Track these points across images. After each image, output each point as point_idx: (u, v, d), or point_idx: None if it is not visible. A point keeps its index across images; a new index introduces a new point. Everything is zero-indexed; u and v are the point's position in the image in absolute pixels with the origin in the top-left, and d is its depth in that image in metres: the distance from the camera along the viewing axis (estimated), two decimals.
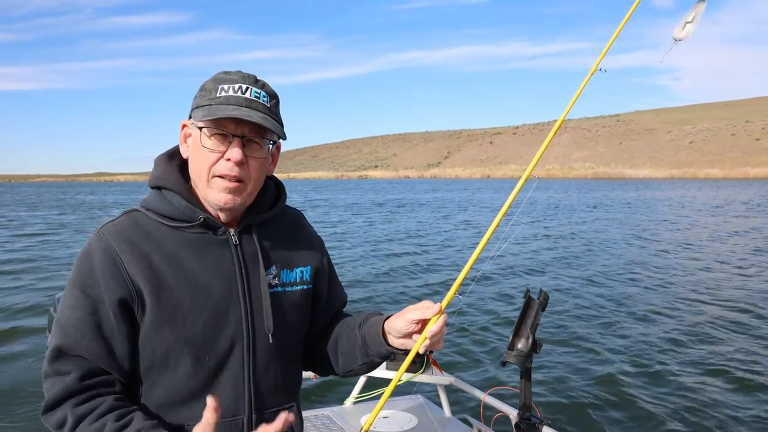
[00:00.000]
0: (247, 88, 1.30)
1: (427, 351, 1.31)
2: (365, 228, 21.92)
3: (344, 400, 3.14)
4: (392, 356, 1.39)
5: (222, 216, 1.36)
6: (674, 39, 1.52)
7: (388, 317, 1.39)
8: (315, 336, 1.55)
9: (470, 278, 1.41)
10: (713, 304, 8.81)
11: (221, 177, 1.29)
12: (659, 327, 7.45)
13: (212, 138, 1.28)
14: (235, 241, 1.36)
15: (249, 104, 1.28)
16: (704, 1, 1.54)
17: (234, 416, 1.33)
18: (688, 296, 9.36)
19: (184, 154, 1.38)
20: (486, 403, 2.82)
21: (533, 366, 2.13)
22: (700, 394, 5.23)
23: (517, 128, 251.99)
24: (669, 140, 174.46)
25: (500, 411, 2.77)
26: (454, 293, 1.33)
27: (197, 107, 1.31)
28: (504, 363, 2.09)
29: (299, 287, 1.45)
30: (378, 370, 2.50)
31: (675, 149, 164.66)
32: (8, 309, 8.45)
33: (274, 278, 1.40)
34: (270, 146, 1.35)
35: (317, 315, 1.53)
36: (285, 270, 1.43)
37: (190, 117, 1.34)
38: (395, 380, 1.34)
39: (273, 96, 1.35)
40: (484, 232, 1.40)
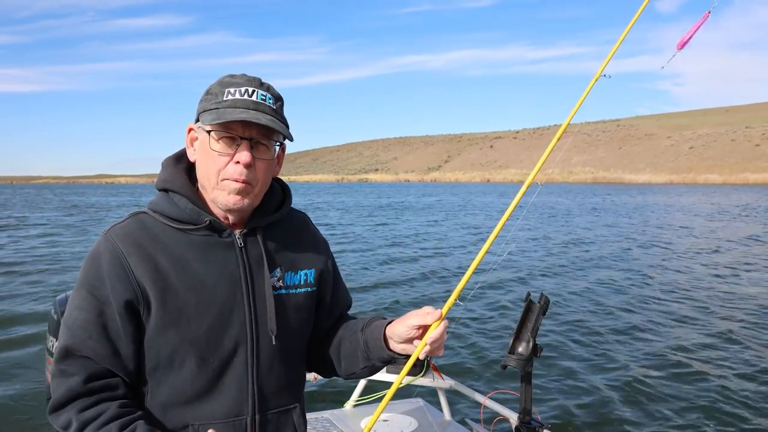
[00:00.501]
0: (254, 91, 1.31)
1: (428, 357, 1.32)
2: (364, 231, 21.94)
3: (345, 403, 3.16)
4: (393, 361, 1.41)
5: (230, 217, 1.37)
6: (678, 47, 1.52)
7: (390, 322, 1.40)
8: (319, 338, 1.56)
9: (471, 286, 1.40)
10: (719, 310, 8.69)
11: (230, 180, 1.31)
12: (660, 331, 7.45)
13: (220, 141, 1.30)
14: (240, 244, 1.37)
15: (256, 107, 1.30)
16: (710, 11, 1.54)
17: (238, 416, 1.34)
18: (692, 301, 9.27)
19: (191, 158, 1.39)
20: (486, 407, 2.84)
21: (533, 370, 2.09)
22: (704, 400, 5.19)
23: (518, 133, 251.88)
24: (669, 145, 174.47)
25: (500, 415, 2.76)
26: (455, 300, 1.34)
27: (204, 111, 1.32)
28: (505, 366, 2.06)
29: (303, 290, 1.46)
30: (379, 373, 2.50)
31: (675, 154, 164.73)
32: (10, 308, 8.52)
33: (279, 280, 1.41)
34: (276, 148, 1.38)
35: (321, 317, 1.55)
36: (289, 272, 1.44)
37: (197, 121, 1.36)
38: (395, 385, 1.34)
39: (278, 98, 1.37)
40: (486, 237, 1.37)
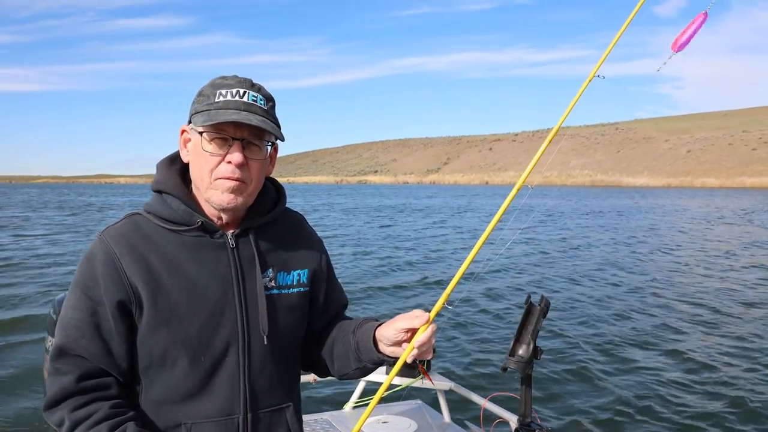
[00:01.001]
0: (245, 92, 1.33)
1: (416, 360, 1.33)
2: (362, 233, 22.10)
3: (344, 405, 3.18)
4: (384, 363, 1.42)
5: (224, 217, 1.39)
6: (672, 50, 1.52)
7: (381, 324, 1.41)
8: (314, 338, 1.57)
9: (461, 289, 1.40)
10: (722, 314, 8.75)
11: (223, 178, 1.33)
12: (661, 334, 7.47)
13: (212, 142, 1.32)
14: (232, 245, 1.39)
15: (247, 108, 1.32)
16: (705, 14, 1.55)
17: (230, 415, 1.36)
18: (693, 305, 9.27)
19: (185, 159, 1.41)
20: (486, 409, 2.84)
21: (533, 372, 2.11)
22: (704, 403, 5.20)
23: (517, 135, 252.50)
24: (667, 149, 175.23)
25: (500, 417, 2.77)
26: (443, 304, 1.35)
27: (196, 113, 1.34)
28: (505, 369, 2.07)
29: (296, 290, 1.47)
30: (378, 375, 2.52)
31: (672, 158, 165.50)
32: (11, 308, 8.61)
33: (271, 281, 1.43)
34: (269, 148, 1.39)
35: (315, 317, 1.56)
36: (282, 273, 1.45)
37: (190, 122, 1.38)
38: (383, 388, 1.36)
39: (269, 99, 1.39)
40: (480, 240, 1.39)
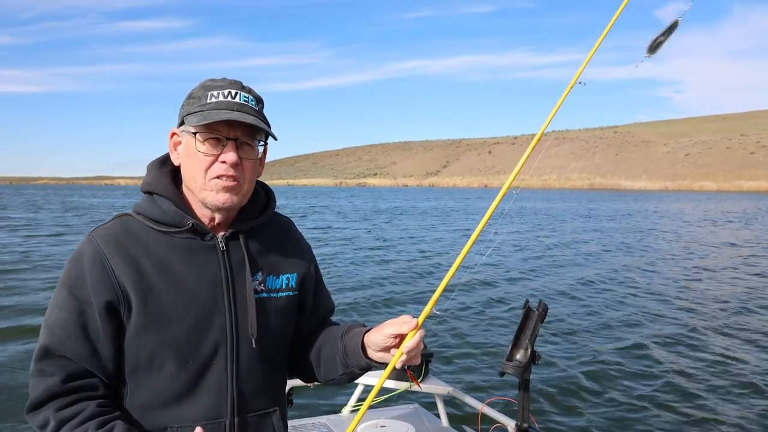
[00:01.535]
0: (236, 93, 1.34)
1: (405, 365, 1.33)
2: (360, 234, 22.15)
3: (341, 408, 3.16)
4: (371, 368, 1.42)
5: (216, 218, 1.39)
6: (646, 54, 1.53)
7: (369, 330, 1.40)
8: (300, 342, 1.57)
9: (449, 295, 1.39)
10: (720, 315, 8.76)
11: (218, 178, 1.33)
12: (662, 341, 7.41)
13: (206, 142, 1.32)
14: (222, 247, 1.38)
15: (240, 108, 1.33)
16: (678, 22, 1.55)
17: (217, 419, 1.34)
18: (696, 312, 9.22)
19: (175, 162, 1.41)
20: (484, 414, 2.83)
21: (531, 377, 2.10)
22: (704, 406, 5.18)
23: (516, 138, 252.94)
24: (665, 152, 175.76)
25: (498, 422, 2.76)
26: (431, 309, 1.34)
27: (189, 114, 1.34)
28: (502, 374, 2.06)
29: (285, 293, 1.46)
30: (375, 379, 2.50)
31: (671, 161, 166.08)
32: (12, 308, 8.62)
33: (260, 284, 1.42)
34: (260, 148, 1.40)
35: (303, 321, 1.55)
36: (271, 276, 1.45)
37: (180, 125, 1.38)
38: (373, 392, 1.35)
39: (259, 100, 1.39)
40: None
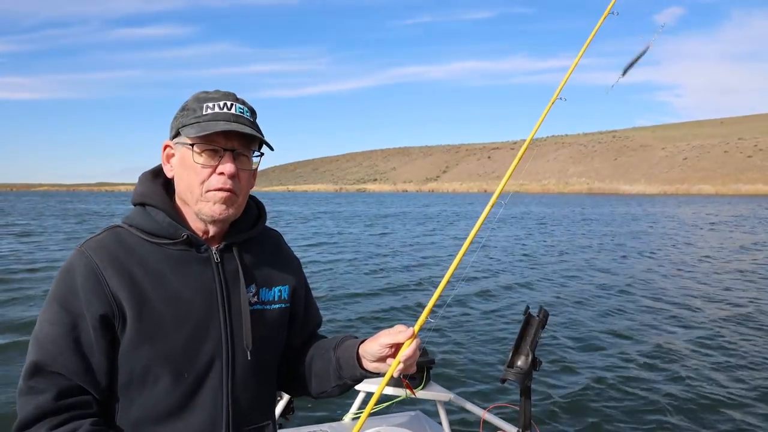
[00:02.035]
0: (232, 104, 1.33)
1: (402, 375, 1.32)
2: (358, 239, 22.14)
3: (343, 416, 3.14)
4: (364, 380, 1.42)
5: (211, 230, 1.37)
6: (620, 75, 1.57)
7: (363, 341, 1.39)
8: (290, 356, 1.55)
9: (444, 301, 1.40)
10: (718, 317, 8.80)
11: (215, 190, 1.31)
12: (670, 349, 7.28)
13: (203, 154, 1.31)
14: (217, 259, 1.37)
15: (236, 119, 1.32)
16: (649, 47, 1.56)
17: None
18: (697, 318, 9.06)
19: (168, 174, 1.39)
20: (485, 421, 2.81)
21: (533, 384, 2.09)
22: (704, 418, 5.17)
23: (515, 143, 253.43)
24: (663, 156, 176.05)
25: (499, 428, 2.74)
26: (426, 317, 1.33)
27: (184, 126, 1.32)
28: (503, 380, 2.04)
29: (278, 305, 1.46)
30: (377, 386, 2.96)
31: (669, 165, 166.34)
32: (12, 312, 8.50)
33: (254, 296, 1.41)
34: (256, 159, 1.38)
35: (293, 334, 1.55)
36: (264, 288, 1.44)
37: (174, 137, 1.36)
38: (373, 400, 1.33)
39: (253, 111, 1.39)
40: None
